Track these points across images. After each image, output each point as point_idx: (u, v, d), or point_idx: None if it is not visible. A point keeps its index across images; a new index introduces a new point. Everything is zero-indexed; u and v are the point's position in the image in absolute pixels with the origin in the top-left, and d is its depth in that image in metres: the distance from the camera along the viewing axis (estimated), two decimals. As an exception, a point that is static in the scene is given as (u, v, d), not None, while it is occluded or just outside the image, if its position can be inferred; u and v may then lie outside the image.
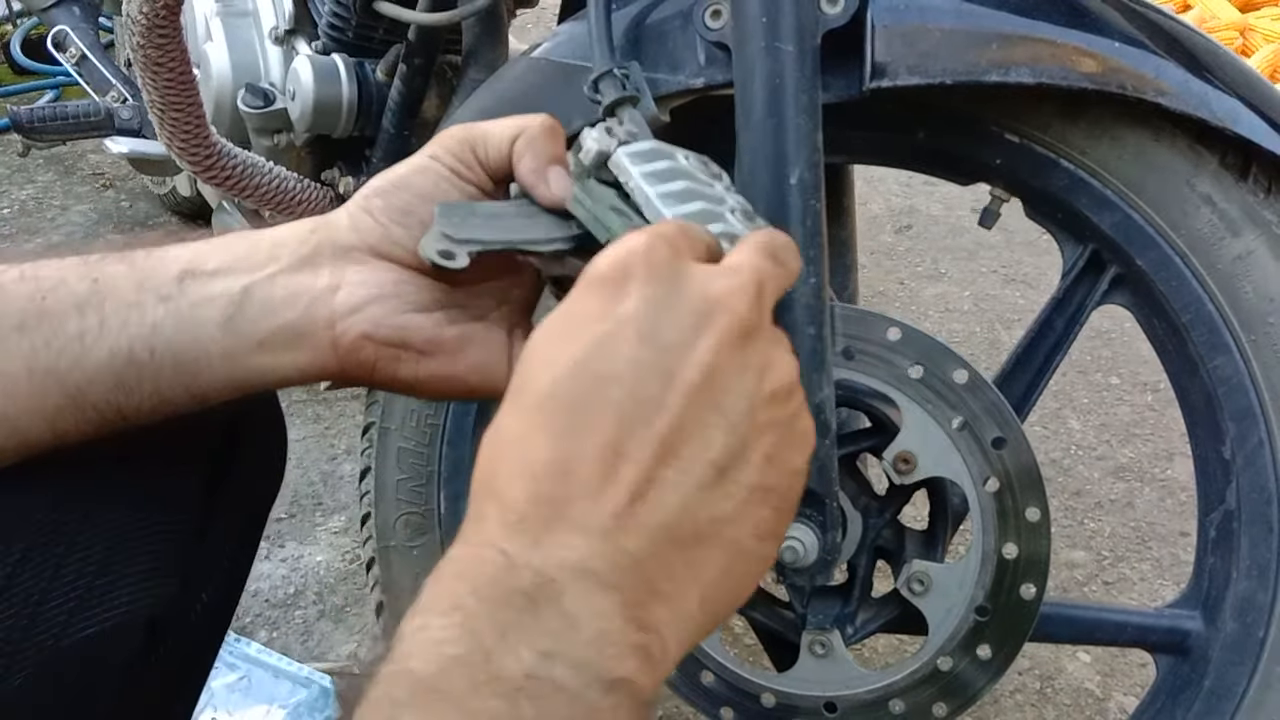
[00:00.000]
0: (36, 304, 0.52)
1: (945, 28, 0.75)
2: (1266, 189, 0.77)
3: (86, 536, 0.55)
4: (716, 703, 0.87)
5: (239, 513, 0.66)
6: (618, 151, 0.59)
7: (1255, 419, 0.80)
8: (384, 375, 0.57)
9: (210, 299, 0.54)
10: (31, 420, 0.52)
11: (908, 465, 0.80)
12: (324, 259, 0.56)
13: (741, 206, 0.61)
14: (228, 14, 1.44)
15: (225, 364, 0.54)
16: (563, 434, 0.42)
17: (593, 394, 0.42)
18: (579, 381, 0.42)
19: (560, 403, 0.42)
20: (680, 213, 0.56)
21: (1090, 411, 1.88)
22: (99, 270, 0.53)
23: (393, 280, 0.56)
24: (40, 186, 2.49)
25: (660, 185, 0.58)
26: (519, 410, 0.43)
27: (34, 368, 0.51)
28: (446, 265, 0.52)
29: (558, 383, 0.42)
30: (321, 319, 0.55)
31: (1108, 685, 1.33)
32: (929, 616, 0.82)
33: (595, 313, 0.44)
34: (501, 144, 0.57)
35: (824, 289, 0.71)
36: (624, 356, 0.42)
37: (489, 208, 0.57)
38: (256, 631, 1.35)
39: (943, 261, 2.38)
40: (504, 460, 0.43)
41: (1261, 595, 0.81)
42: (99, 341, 0.52)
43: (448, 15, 1.10)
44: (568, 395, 0.42)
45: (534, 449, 0.42)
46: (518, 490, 0.41)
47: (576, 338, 0.43)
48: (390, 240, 0.56)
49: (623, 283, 0.44)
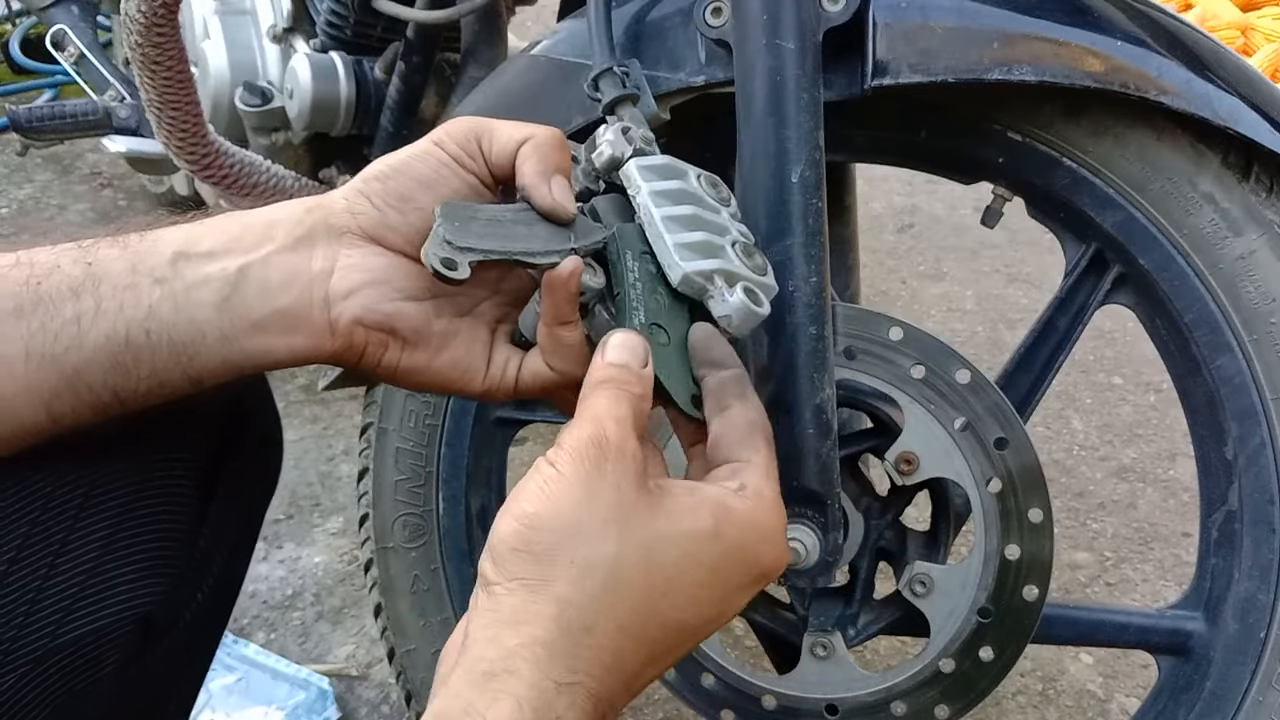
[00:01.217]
0: (32, 289, 0.52)
1: (947, 25, 0.74)
2: (1268, 188, 0.77)
3: (80, 534, 0.55)
4: (717, 705, 0.86)
5: (234, 510, 0.65)
6: (630, 163, 0.59)
7: (1257, 419, 0.79)
8: (370, 360, 0.57)
9: (206, 280, 0.54)
10: (29, 403, 0.52)
11: (910, 466, 0.79)
12: (319, 240, 0.56)
13: (743, 239, 0.61)
14: (225, 12, 1.43)
15: (221, 346, 0.54)
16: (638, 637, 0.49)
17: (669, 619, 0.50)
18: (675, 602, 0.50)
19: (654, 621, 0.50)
20: (683, 241, 0.56)
21: (1093, 412, 1.87)
22: (92, 254, 0.53)
23: (385, 265, 0.56)
24: (38, 185, 2.48)
25: (667, 208, 0.58)
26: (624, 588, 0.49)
27: (31, 351, 0.51)
28: (449, 276, 0.52)
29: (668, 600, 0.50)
30: (316, 302, 0.55)
31: (1110, 686, 1.33)
32: (931, 618, 0.81)
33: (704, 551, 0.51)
34: (509, 143, 0.57)
35: (825, 288, 0.70)
36: (703, 600, 0.51)
37: (490, 211, 0.56)
38: (254, 633, 1.35)
39: (945, 261, 2.38)
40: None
41: (1263, 596, 0.81)
42: (95, 324, 0.52)
43: (446, 13, 1.09)
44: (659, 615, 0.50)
45: (629, 651, 0.49)
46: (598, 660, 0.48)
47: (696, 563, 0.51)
48: (386, 225, 0.56)
49: (719, 534, 0.51)
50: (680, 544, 0.50)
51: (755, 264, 0.60)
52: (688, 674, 0.86)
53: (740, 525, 0.52)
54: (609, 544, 0.48)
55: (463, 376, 0.59)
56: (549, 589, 0.47)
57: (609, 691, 0.48)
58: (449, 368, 0.59)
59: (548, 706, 0.45)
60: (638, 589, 0.48)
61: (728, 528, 0.51)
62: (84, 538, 0.55)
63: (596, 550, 0.48)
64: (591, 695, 0.47)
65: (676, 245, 0.56)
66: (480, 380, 0.59)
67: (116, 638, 0.56)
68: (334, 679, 1.26)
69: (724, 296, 0.56)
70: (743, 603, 0.53)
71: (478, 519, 0.94)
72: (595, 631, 0.47)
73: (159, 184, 2.26)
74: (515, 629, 0.46)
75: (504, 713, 0.44)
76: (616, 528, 0.48)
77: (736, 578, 0.52)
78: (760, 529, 0.52)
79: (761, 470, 0.54)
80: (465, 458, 0.92)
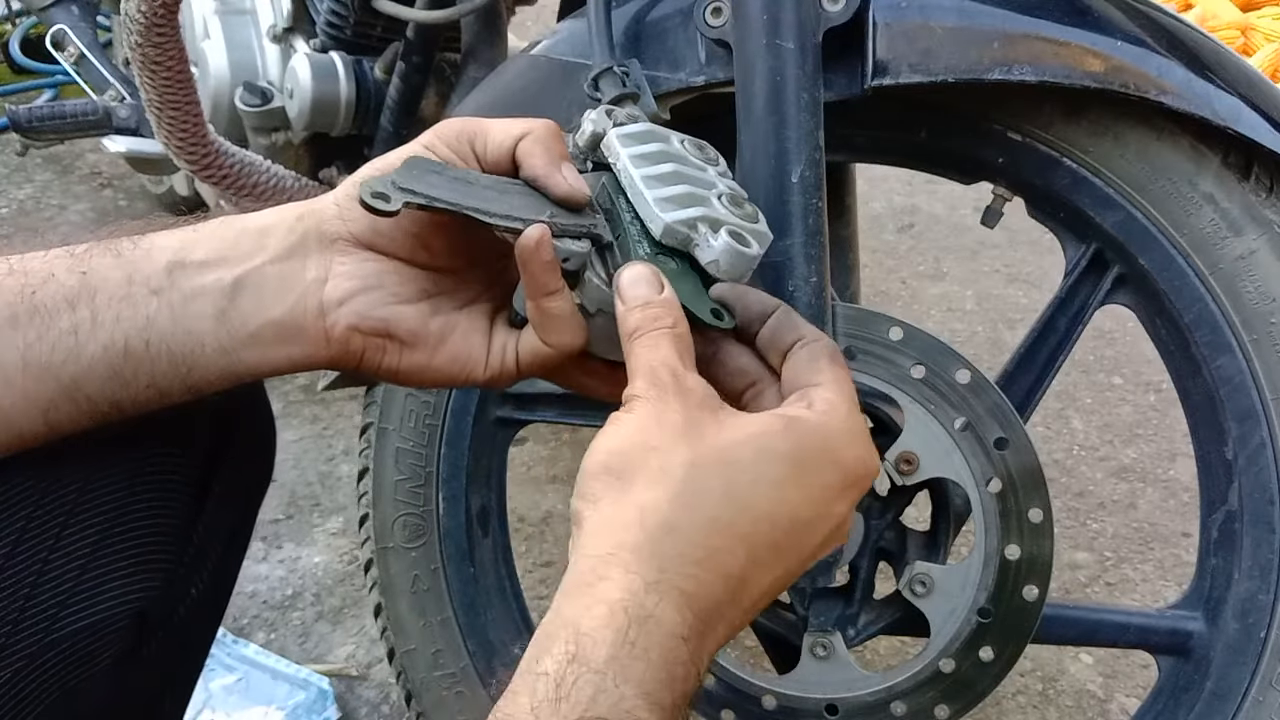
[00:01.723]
0: (27, 299, 0.52)
1: (947, 25, 0.74)
2: (1268, 188, 0.77)
3: (74, 530, 0.55)
4: (717, 705, 0.86)
5: (228, 506, 0.66)
6: (610, 133, 0.59)
7: (1257, 419, 0.79)
8: (370, 364, 0.57)
9: (202, 291, 0.54)
10: (26, 412, 0.52)
11: (910, 466, 0.79)
12: (311, 248, 0.56)
13: (731, 192, 0.61)
14: (226, 12, 1.43)
15: (220, 357, 0.55)
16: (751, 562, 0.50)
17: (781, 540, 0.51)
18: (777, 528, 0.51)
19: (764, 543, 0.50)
20: (663, 195, 0.56)
21: (1093, 412, 1.87)
22: (87, 263, 0.53)
23: (378, 271, 0.56)
24: (38, 185, 2.48)
25: (647, 168, 0.58)
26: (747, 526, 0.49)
27: (28, 361, 0.51)
28: (376, 207, 0.52)
29: (774, 525, 0.50)
30: (312, 311, 0.55)
31: (1110, 687, 1.33)
32: (931, 618, 0.81)
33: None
34: (505, 139, 0.57)
35: (825, 288, 0.70)
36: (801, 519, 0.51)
37: (464, 173, 0.56)
38: (254, 633, 1.35)
39: (945, 261, 2.38)
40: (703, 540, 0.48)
41: (1263, 596, 0.81)
42: (93, 336, 0.52)
43: (446, 13, 1.09)
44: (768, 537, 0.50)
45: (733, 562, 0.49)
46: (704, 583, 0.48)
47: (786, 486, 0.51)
48: (377, 231, 0.56)
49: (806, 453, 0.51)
50: (753, 443, 0.50)
51: (744, 212, 0.60)
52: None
53: (811, 427, 0.52)
54: (681, 450, 0.49)
55: (464, 369, 0.59)
56: (629, 497, 0.48)
57: (706, 591, 0.48)
58: (449, 363, 0.59)
59: (639, 606, 0.45)
60: (716, 487, 0.49)
61: (799, 427, 0.51)
62: (78, 533, 0.55)
63: (671, 458, 0.49)
64: (684, 594, 0.47)
65: (657, 199, 0.56)
66: (482, 370, 0.59)
67: (111, 633, 0.56)
68: (334, 679, 1.26)
69: (708, 242, 0.56)
70: (842, 508, 0.53)
71: (478, 519, 0.94)
72: (680, 530, 0.47)
73: (159, 184, 2.26)
74: (601, 539, 0.47)
75: (599, 619, 0.45)
76: (689, 438, 0.49)
77: (822, 475, 0.51)
78: (834, 430, 0.52)
79: (831, 386, 0.54)
80: (465, 458, 0.92)
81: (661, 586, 0.46)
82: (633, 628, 0.45)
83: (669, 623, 0.46)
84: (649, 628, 0.45)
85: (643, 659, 0.44)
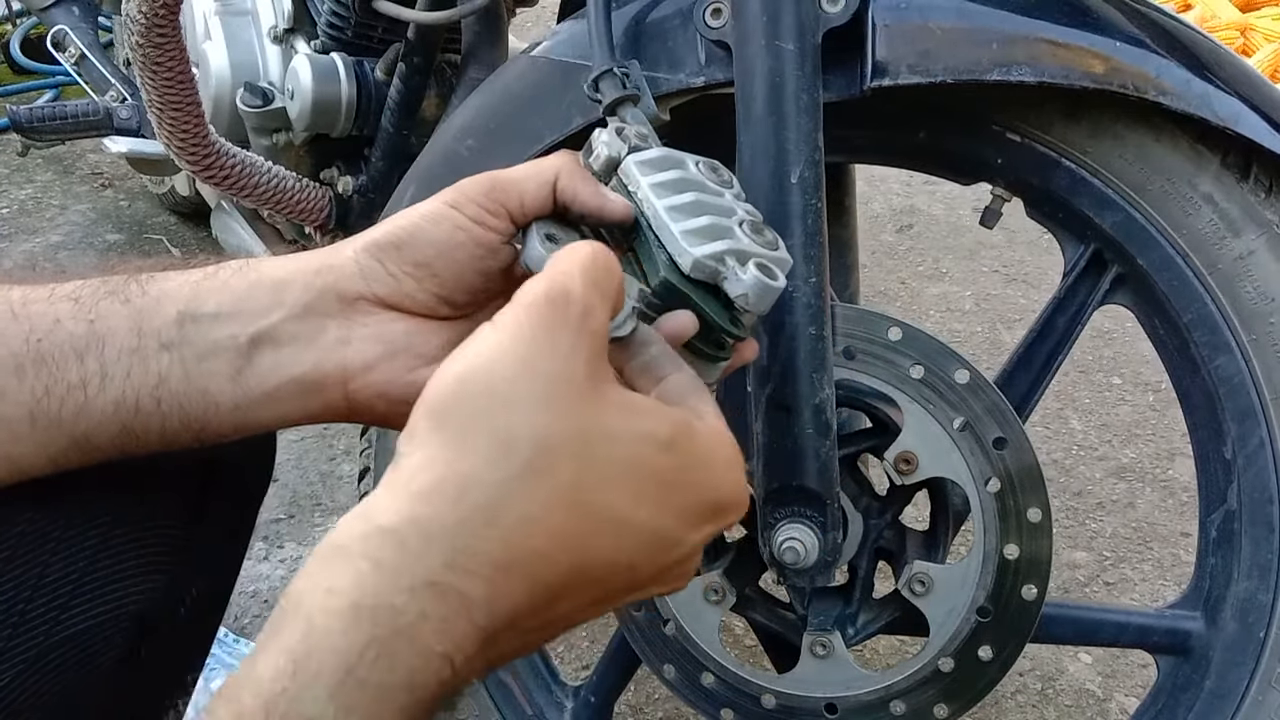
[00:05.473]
0: (33, 347, 0.50)
1: (946, 26, 0.74)
2: (1268, 189, 0.77)
3: (75, 531, 0.55)
4: (717, 704, 0.86)
5: (228, 506, 0.65)
6: (627, 160, 0.59)
7: (1256, 419, 0.79)
8: (393, 424, 0.55)
9: (216, 349, 0.52)
10: (34, 460, 0.51)
11: (909, 466, 0.80)
12: (330, 306, 0.54)
13: (750, 217, 0.61)
14: (226, 13, 1.43)
15: (234, 414, 0.53)
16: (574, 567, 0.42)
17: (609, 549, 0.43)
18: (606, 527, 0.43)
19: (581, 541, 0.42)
20: (689, 228, 0.56)
21: (1092, 411, 1.87)
22: (94, 309, 0.52)
23: (403, 331, 0.55)
24: (39, 186, 2.48)
25: (669, 198, 0.58)
26: (561, 503, 0.41)
27: (37, 415, 0.50)
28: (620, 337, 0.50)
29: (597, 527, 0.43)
30: (332, 373, 0.54)
31: (1109, 686, 1.33)
32: (930, 617, 0.81)
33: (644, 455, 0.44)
34: (541, 188, 0.55)
35: (825, 288, 0.71)
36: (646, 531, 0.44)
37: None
38: (255, 633, 1.35)
39: (944, 261, 2.38)
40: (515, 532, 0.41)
41: (1263, 595, 0.81)
42: (102, 391, 0.51)
43: (447, 14, 1.10)
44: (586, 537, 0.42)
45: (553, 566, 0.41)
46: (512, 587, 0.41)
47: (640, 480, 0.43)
48: (402, 293, 0.54)
49: (671, 444, 0.44)
50: (628, 444, 0.42)
51: (766, 240, 0.59)
52: (687, 673, 0.87)
53: (700, 446, 0.45)
54: (540, 417, 0.40)
55: None
56: (456, 464, 0.40)
57: (503, 598, 0.40)
58: None
59: (392, 618, 0.38)
60: (565, 479, 0.41)
61: (686, 442, 0.44)
62: (80, 536, 0.55)
63: (523, 424, 0.40)
64: (467, 600, 0.39)
65: (684, 233, 0.56)
66: None
67: (111, 634, 0.56)
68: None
69: (738, 275, 0.56)
70: (693, 541, 0.45)
71: (478, 519, 0.94)
72: (499, 524, 0.39)
73: (160, 184, 2.27)
74: (398, 499, 0.40)
75: (337, 619, 0.38)
76: (555, 405, 0.41)
77: (690, 502, 0.45)
78: (721, 456, 0.46)
79: (714, 414, 0.48)
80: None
81: (440, 587, 0.39)
82: (372, 648, 0.37)
83: (427, 639, 0.38)
84: (398, 646, 0.38)
85: (375, 693, 0.37)
